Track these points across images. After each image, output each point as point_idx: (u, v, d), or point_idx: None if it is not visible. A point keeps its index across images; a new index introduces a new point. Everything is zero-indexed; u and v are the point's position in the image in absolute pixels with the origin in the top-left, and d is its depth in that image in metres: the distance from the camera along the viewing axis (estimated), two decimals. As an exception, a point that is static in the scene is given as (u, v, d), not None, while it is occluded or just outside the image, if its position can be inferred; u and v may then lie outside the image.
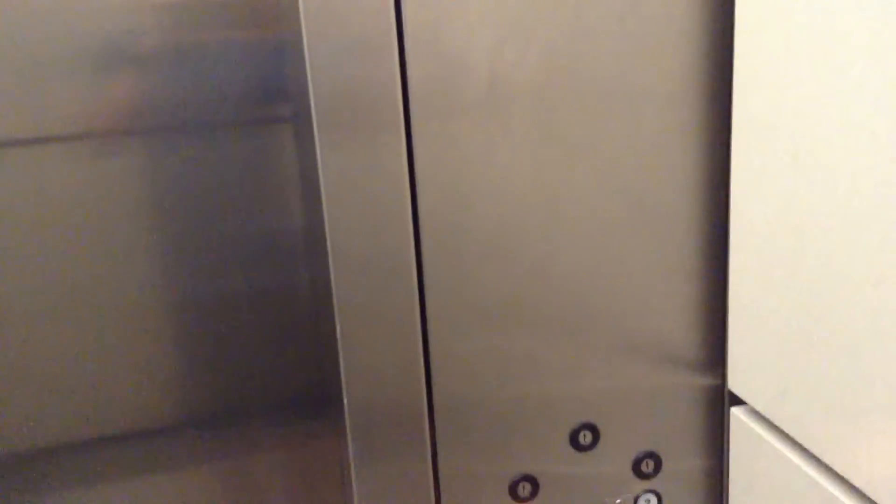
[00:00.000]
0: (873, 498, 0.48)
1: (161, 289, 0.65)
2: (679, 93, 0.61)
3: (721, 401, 0.67)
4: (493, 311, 0.63)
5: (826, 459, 0.53)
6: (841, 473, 0.51)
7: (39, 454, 0.66)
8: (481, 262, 0.61)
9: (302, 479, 0.72)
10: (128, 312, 0.65)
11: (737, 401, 0.64)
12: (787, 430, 0.57)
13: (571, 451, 0.66)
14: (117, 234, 0.63)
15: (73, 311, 0.64)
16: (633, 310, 0.64)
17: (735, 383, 0.64)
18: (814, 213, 0.51)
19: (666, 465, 0.68)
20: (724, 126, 0.62)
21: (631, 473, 0.67)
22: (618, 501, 0.68)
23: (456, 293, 0.62)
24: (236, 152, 0.64)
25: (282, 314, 0.67)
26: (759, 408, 0.61)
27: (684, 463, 0.68)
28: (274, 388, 0.69)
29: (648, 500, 0.68)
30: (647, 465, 0.67)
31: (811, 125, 0.51)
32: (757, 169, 0.57)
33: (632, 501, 0.68)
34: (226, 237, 0.65)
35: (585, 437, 0.66)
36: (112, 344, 0.65)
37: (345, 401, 0.62)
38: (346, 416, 0.63)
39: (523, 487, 0.66)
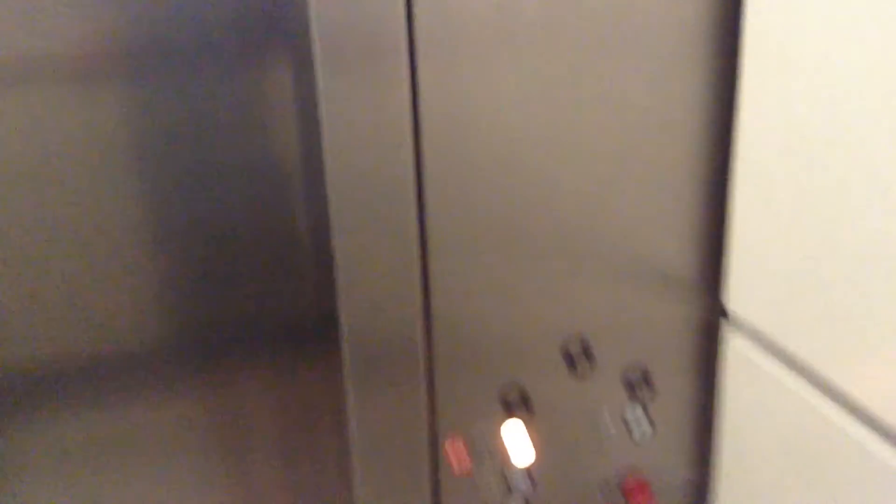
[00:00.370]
0: (875, 414, 0.49)
1: (155, 214, 0.62)
2: (688, 17, 0.60)
3: (716, 321, 0.67)
4: (492, 234, 0.62)
5: (824, 374, 0.53)
6: (841, 389, 0.52)
7: (28, 376, 0.63)
8: (481, 186, 0.60)
9: (297, 405, 0.70)
10: (123, 237, 0.62)
11: (732, 321, 0.65)
12: (784, 347, 0.57)
13: (564, 366, 0.66)
14: (112, 161, 0.60)
15: (67, 237, 0.61)
16: (631, 230, 0.64)
17: (732, 302, 0.64)
18: (821, 135, 0.51)
19: (657, 381, 0.68)
20: (731, 51, 0.61)
21: (622, 390, 0.68)
22: (608, 420, 0.68)
23: (456, 217, 0.61)
24: (230, 82, 0.61)
25: (278, 241, 0.65)
26: (755, 326, 0.61)
27: (676, 381, 0.68)
28: (269, 315, 0.67)
29: (638, 417, 0.69)
30: (638, 383, 0.68)
31: (825, 51, 0.50)
32: (768, 93, 0.56)
33: (621, 418, 0.69)
34: (222, 166, 0.62)
35: (578, 354, 0.66)
36: (105, 268, 0.62)
37: (342, 324, 0.61)
38: (344, 339, 0.62)
39: (516, 401, 0.66)
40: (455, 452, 0.66)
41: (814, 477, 0.55)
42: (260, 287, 0.65)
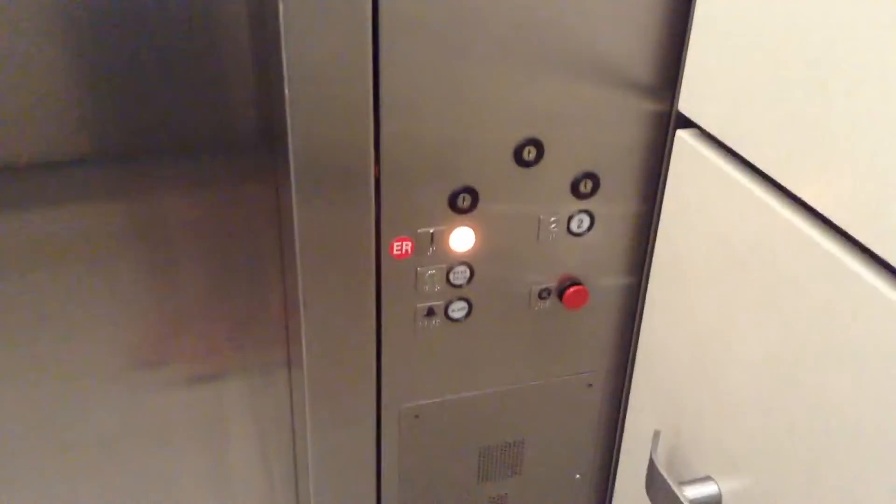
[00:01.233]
0: (822, 212, 0.50)
1: (86, 14, 0.56)
2: None
3: (666, 125, 0.66)
4: (447, 34, 0.59)
5: (776, 177, 0.54)
6: (791, 190, 0.52)
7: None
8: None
9: (239, 219, 0.68)
10: (44, 39, 0.56)
11: (684, 123, 0.64)
12: (736, 148, 0.57)
13: (514, 166, 0.65)
14: None
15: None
16: (590, 29, 0.61)
17: (686, 104, 0.63)
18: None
19: (604, 185, 0.68)
20: None
21: (569, 193, 0.68)
22: (552, 219, 0.68)
23: (409, 18, 0.57)
24: None
25: (217, 50, 0.61)
26: (708, 128, 0.60)
27: (622, 184, 0.68)
28: (203, 127, 0.63)
29: (581, 221, 0.69)
30: (585, 186, 0.67)
31: None
32: None
33: (565, 220, 0.69)
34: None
35: (529, 153, 0.65)
36: (27, 71, 0.57)
37: (289, 132, 0.58)
38: (290, 151, 0.59)
39: (463, 199, 0.65)
40: (400, 245, 0.66)
41: (750, 273, 0.57)
42: (194, 97, 0.62)
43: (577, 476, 0.83)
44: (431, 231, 0.66)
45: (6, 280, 0.64)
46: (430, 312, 0.70)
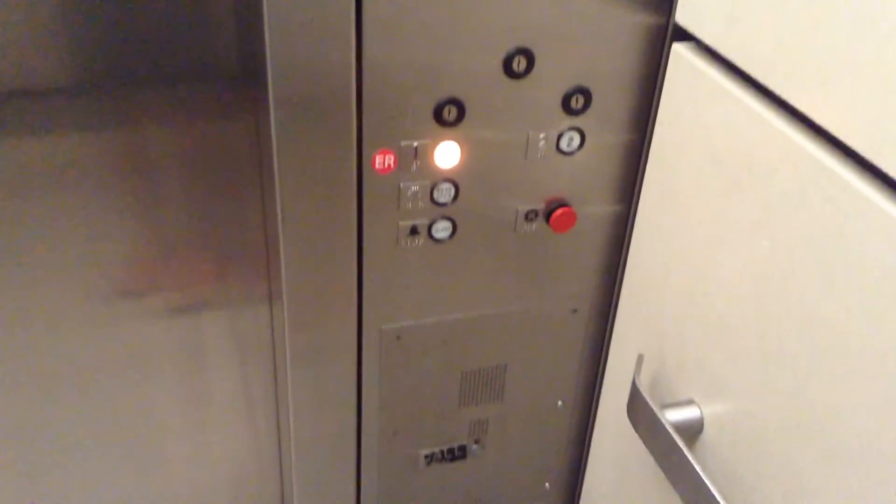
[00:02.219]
0: (820, 123, 0.48)
1: None
2: None
3: (663, 38, 0.64)
4: None
5: (775, 89, 0.51)
6: (790, 102, 0.50)
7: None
8: None
9: (223, 150, 0.66)
10: None
11: (681, 37, 0.61)
12: (735, 61, 0.55)
13: (504, 77, 0.63)
14: None
15: None
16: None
17: (683, 15, 0.60)
18: None
19: (595, 101, 0.65)
20: None
21: (559, 108, 0.65)
22: (542, 136, 0.66)
23: None
24: None
25: None
26: (706, 40, 0.58)
27: (614, 101, 0.66)
28: (190, 56, 0.61)
29: (571, 138, 0.67)
30: (576, 101, 0.65)
31: None
32: None
33: (555, 138, 0.66)
34: None
35: (519, 64, 0.62)
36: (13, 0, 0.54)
37: (268, 68, 0.56)
38: (269, 85, 0.57)
39: (449, 111, 0.63)
40: (383, 159, 0.64)
41: (744, 191, 0.55)
42: (176, 25, 0.59)
43: (560, 403, 0.82)
44: (415, 145, 0.64)
45: None
46: (414, 231, 0.68)
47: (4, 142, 0.60)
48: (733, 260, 0.56)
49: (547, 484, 0.88)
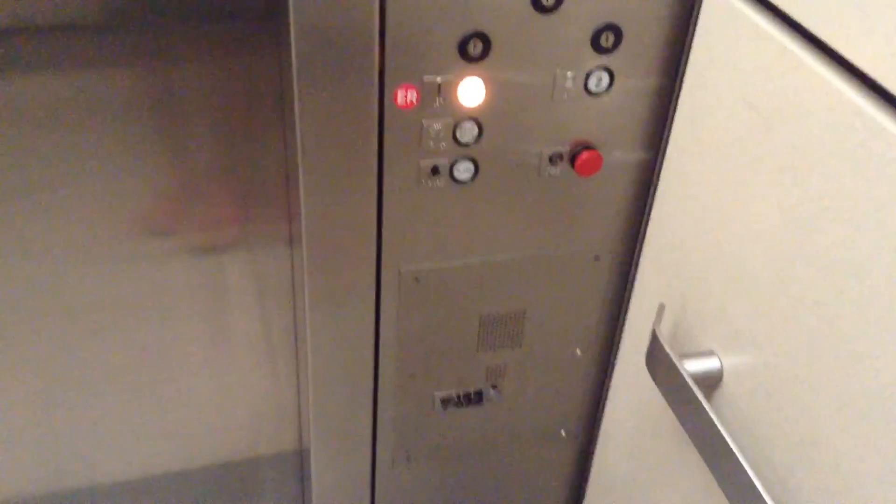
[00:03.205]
0: (857, 65, 0.46)
1: None
2: None
3: (699, -26, 0.61)
4: None
5: (812, 28, 0.49)
6: (827, 42, 0.48)
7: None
8: None
9: (237, 90, 0.65)
10: None
11: (719, -27, 0.59)
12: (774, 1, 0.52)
13: (531, 10, 0.60)
14: None
15: None
16: None
17: (723, -49, 0.58)
18: None
19: (626, 40, 0.63)
20: None
21: (589, 46, 0.63)
22: (570, 74, 0.64)
23: None
24: None
25: None
26: (745, -23, 0.55)
27: (645, 40, 0.64)
28: None
29: (600, 78, 0.65)
30: (606, 39, 0.63)
31: None
32: None
33: (583, 77, 0.64)
34: None
35: (549, 1, 0.60)
36: None
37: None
38: (291, 16, 0.55)
39: (474, 46, 0.61)
40: (405, 94, 0.62)
41: (776, 134, 0.53)
42: None
43: (578, 351, 0.82)
44: (439, 80, 0.62)
45: (15, 142, 0.62)
46: (435, 171, 0.67)
47: (33, 77, 0.60)
48: (761, 206, 0.55)
49: (563, 431, 0.88)
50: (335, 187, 0.66)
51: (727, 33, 0.57)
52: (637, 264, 0.75)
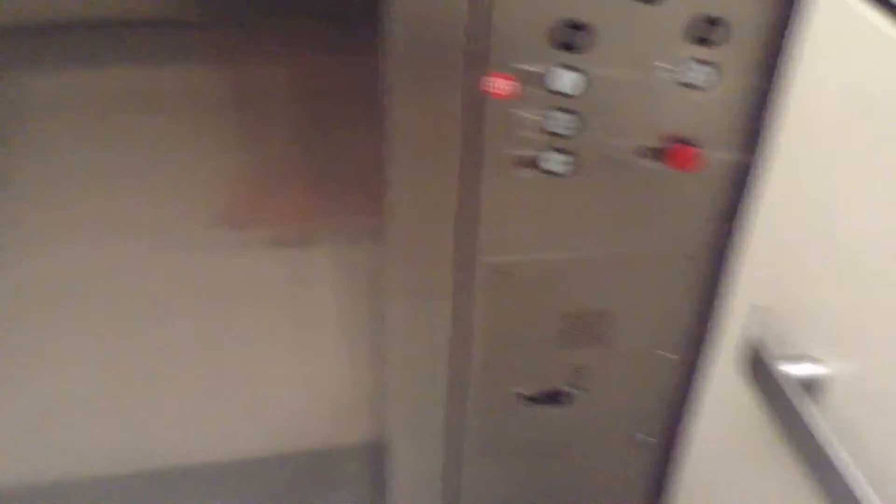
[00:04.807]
0: None
1: None
2: None
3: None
4: None
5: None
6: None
7: (44, 30, 0.59)
8: None
9: (339, 88, 0.65)
10: None
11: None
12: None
13: (633, 1, 0.59)
14: None
15: None
16: None
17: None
18: None
19: (730, 34, 0.61)
20: None
21: (692, 39, 0.61)
22: (671, 68, 0.62)
23: None
24: None
25: None
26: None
27: (750, 35, 0.61)
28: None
29: (702, 72, 0.62)
30: (710, 32, 0.60)
31: None
32: None
33: (683, 70, 0.62)
34: None
35: (651, -13, 0.58)
36: None
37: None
38: (388, 14, 0.56)
39: (571, 35, 0.59)
40: (499, 81, 0.61)
41: (890, 127, 0.50)
42: None
43: (663, 353, 0.79)
44: (533, 69, 0.61)
45: (113, 130, 0.63)
46: (525, 162, 0.66)
47: (134, 70, 0.61)
48: (873, 203, 0.52)
49: (643, 435, 0.86)
50: (422, 175, 0.65)
51: (838, 27, 0.55)
52: (729, 265, 0.72)
